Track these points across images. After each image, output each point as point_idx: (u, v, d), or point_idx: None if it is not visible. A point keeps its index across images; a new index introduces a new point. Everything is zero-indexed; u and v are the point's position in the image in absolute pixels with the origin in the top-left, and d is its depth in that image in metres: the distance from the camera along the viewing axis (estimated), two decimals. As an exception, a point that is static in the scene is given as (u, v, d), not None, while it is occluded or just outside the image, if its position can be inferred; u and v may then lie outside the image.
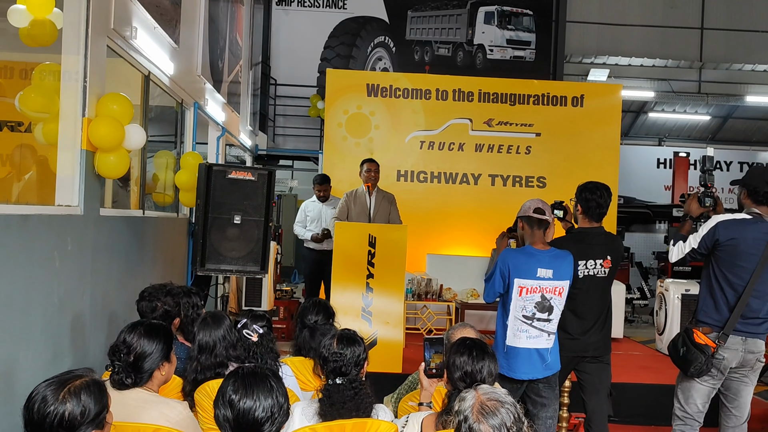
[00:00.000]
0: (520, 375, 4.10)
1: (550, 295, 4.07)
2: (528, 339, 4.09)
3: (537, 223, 4.14)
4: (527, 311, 4.07)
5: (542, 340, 4.10)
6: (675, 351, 4.21)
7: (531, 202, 4.23)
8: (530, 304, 4.07)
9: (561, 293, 4.11)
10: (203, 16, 8.30)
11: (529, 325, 4.08)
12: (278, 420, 2.37)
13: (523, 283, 4.06)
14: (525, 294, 4.07)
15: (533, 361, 4.10)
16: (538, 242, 4.16)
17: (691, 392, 4.22)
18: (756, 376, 4.25)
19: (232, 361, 3.57)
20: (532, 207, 4.17)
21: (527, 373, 4.11)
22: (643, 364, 7.89)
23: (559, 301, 4.11)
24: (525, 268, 4.07)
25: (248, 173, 6.05)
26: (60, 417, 2.21)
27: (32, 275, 3.86)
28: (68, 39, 4.53)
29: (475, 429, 2.24)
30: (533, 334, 4.09)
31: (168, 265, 6.74)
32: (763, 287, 4.07)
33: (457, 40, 16.15)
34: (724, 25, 16.74)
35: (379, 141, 10.25)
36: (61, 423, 2.22)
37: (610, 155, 10.37)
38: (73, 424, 2.23)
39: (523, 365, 4.09)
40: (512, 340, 4.11)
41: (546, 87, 10.68)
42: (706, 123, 18.88)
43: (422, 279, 9.04)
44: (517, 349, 4.09)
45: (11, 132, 6.06)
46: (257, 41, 14.46)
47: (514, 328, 4.10)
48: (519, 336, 4.10)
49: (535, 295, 4.07)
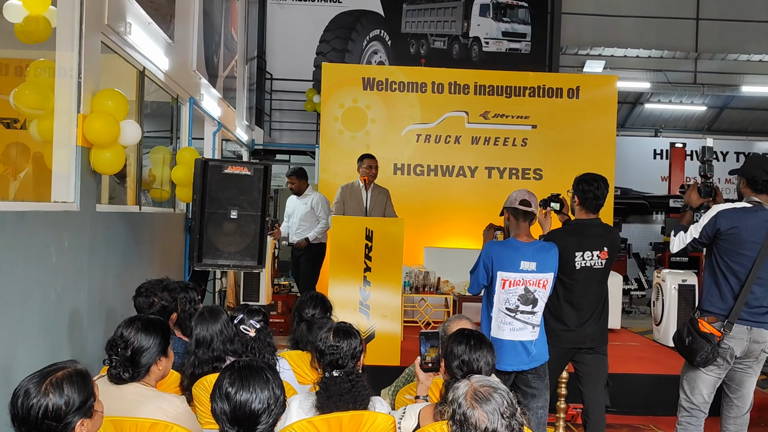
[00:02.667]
0: (505, 366, 4.11)
1: (533, 287, 4.08)
2: (512, 331, 4.11)
3: (522, 215, 4.14)
4: (510, 304, 4.09)
5: (526, 332, 4.11)
6: (680, 341, 4.21)
7: (517, 193, 4.21)
8: (513, 296, 4.08)
9: (545, 285, 4.12)
10: (198, 11, 8.29)
11: (513, 318, 4.09)
12: (275, 412, 2.38)
13: (506, 275, 4.07)
14: (508, 287, 4.08)
15: (518, 353, 4.12)
16: (523, 234, 4.16)
17: (696, 382, 4.22)
18: (760, 367, 4.26)
19: (229, 356, 3.58)
20: (518, 198, 4.15)
21: (512, 364, 4.12)
22: (640, 354, 7.91)
23: (543, 294, 4.12)
24: (508, 261, 4.08)
25: (244, 168, 6.06)
26: (44, 409, 2.23)
27: (29, 272, 3.87)
28: (62, 35, 4.52)
29: (469, 415, 2.25)
30: (517, 326, 4.10)
31: (165, 261, 6.75)
32: (765, 274, 4.07)
33: (453, 33, 16.13)
34: (719, 15, 16.74)
35: (376, 135, 10.24)
36: (46, 414, 2.23)
37: (607, 146, 10.36)
38: (59, 414, 2.25)
39: (508, 357, 4.10)
40: (496, 332, 4.13)
41: (542, 79, 10.66)
42: (702, 113, 18.89)
43: (420, 272, 9.06)
44: (501, 341, 4.08)
45: (6, 129, 6.05)
46: (252, 36, 14.45)
47: (498, 320, 4.12)
48: (503, 328, 4.11)
49: (519, 288, 4.07)
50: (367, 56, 16.02)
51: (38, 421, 2.23)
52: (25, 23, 4.42)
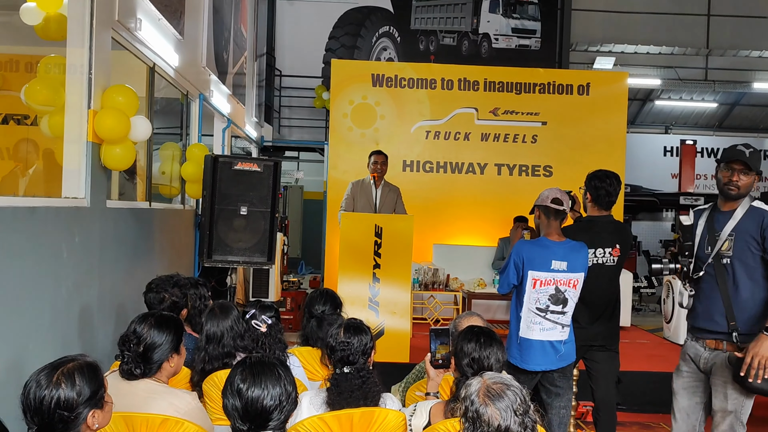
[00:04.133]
0: (533, 366, 4.08)
1: (564, 287, 4.04)
2: (541, 331, 4.06)
3: (554, 213, 4.08)
4: (541, 303, 4.04)
5: (556, 332, 4.07)
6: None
7: (549, 192, 4.15)
8: (544, 296, 4.03)
9: (576, 285, 4.07)
10: (208, 7, 8.29)
11: (543, 317, 4.04)
12: (286, 408, 2.38)
13: (537, 275, 4.02)
14: (539, 286, 4.03)
15: (547, 353, 4.07)
16: (554, 233, 4.11)
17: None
18: None
19: (239, 352, 3.58)
20: (551, 197, 4.10)
21: (540, 364, 4.08)
22: (650, 352, 7.88)
23: (573, 294, 4.07)
24: (539, 260, 4.03)
25: (254, 164, 6.05)
26: (56, 399, 2.25)
27: (40, 267, 3.87)
28: (73, 31, 4.53)
29: (481, 412, 2.24)
30: (547, 326, 4.05)
31: (175, 257, 6.76)
32: None
33: (462, 30, 16.08)
34: (730, 11, 16.62)
35: (385, 131, 10.22)
36: (59, 404, 2.25)
37: (617, 143, 10.33)
38: (71, 404, 2.27)
39: (537, 357, 4.07)
40: (525, 332, 4.08)
41: (552, 75, 10.63)
42: (713, 110, 18.78)
43: (429, 269, 9.05)
44: (530, 341, 4.06)
45: (17, 125, 6.07)
46: (262, 32, 14.44)
47: (528, 320, 4.07)
48: (532, 328, 4.06)
49: (549, 288, 4.03)
50: (377, 53, 16.00)
51: (51, 411, 2.25)
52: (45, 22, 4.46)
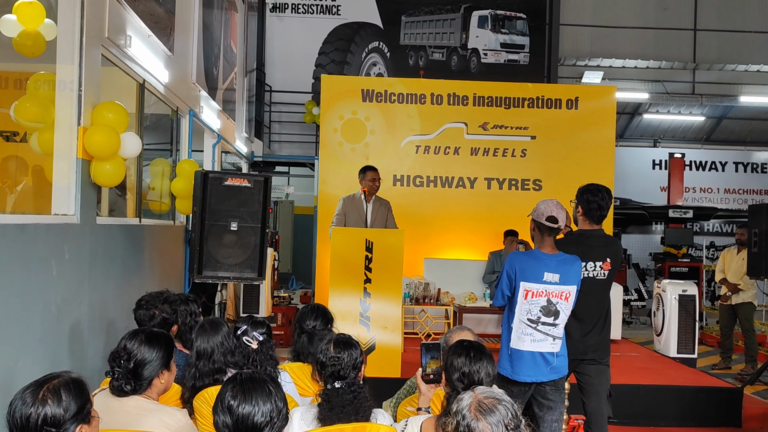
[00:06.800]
0: (524, 377, 4.10)
1: (556, 299, 4.06)
2: (532, 342, 4.08)
3: (548, 230, 4.14)
4: (532, 315, 4.06)
5: (547, 344, 4.09)
6: None
7: (545, 206, 4.18)
8: (535, 307, 4.06)
9: (567, 298, 4.09)
10: (197, 23, 8.32)
11: (534, 329, 4.07)
12: (277, 425, 2.37)
13: (528, 286, 4.06)
14: (531, 297, 4.06)
15: (537, 364, 4.09)
16: (547, 246, 4.16)
17: None
18: None
19: (230, 368, 3.57)
20: (546, 214, 4.13)
21: (531, 376, 4.10)
22: (641, 365, 7.89)
23: (565, 306, 4.10)
24: (531, 272, 4.06)
25: (244, 180, 6.06)
26: (43, 416, 2.23)
27: (30, 284, 3.86)
28: (62, 48, 4.54)
29: (473, 427, 2.23)
30: (538, 337, 4.07)
31: (165, 273, 6.74)
32: None
33: (451, 45, 16.18)
34: (716, 26, 16.81)
35: (375, 146, 10.24)
36: (46, 421, 2.23)
37: (606, 157, 10.36)
38: (58, 421, 2.24)
39: (527, 368, 4.09)
40: (516, 343, 4.11)
41: (540, 90, 10.68)
42: (700, 123, 18.93)
43: (420, 283, 9.04)
44: (521, 352, 4.08)
45: (6, 142, 6.05)
46: (251, 48, 14.49)
47: (519, 330, 4.09)
48: (523, 339, 4.09)
49: (541, 299, 4.05)
50: (366, 68, 16.07)
51: (38, 428, 2.22)
52: (20, 37, 4.43)
